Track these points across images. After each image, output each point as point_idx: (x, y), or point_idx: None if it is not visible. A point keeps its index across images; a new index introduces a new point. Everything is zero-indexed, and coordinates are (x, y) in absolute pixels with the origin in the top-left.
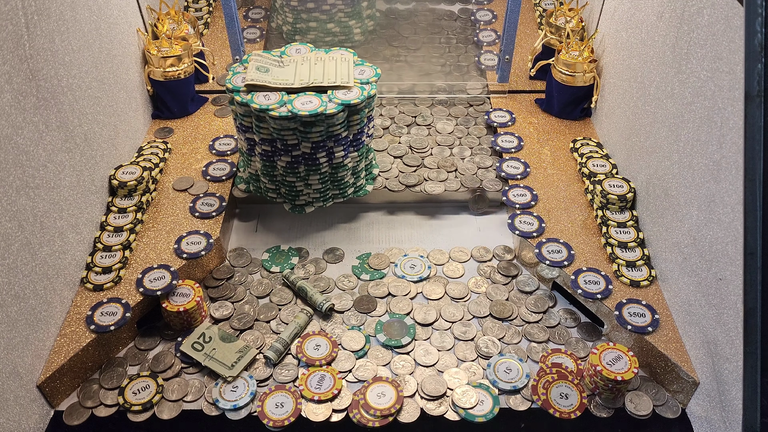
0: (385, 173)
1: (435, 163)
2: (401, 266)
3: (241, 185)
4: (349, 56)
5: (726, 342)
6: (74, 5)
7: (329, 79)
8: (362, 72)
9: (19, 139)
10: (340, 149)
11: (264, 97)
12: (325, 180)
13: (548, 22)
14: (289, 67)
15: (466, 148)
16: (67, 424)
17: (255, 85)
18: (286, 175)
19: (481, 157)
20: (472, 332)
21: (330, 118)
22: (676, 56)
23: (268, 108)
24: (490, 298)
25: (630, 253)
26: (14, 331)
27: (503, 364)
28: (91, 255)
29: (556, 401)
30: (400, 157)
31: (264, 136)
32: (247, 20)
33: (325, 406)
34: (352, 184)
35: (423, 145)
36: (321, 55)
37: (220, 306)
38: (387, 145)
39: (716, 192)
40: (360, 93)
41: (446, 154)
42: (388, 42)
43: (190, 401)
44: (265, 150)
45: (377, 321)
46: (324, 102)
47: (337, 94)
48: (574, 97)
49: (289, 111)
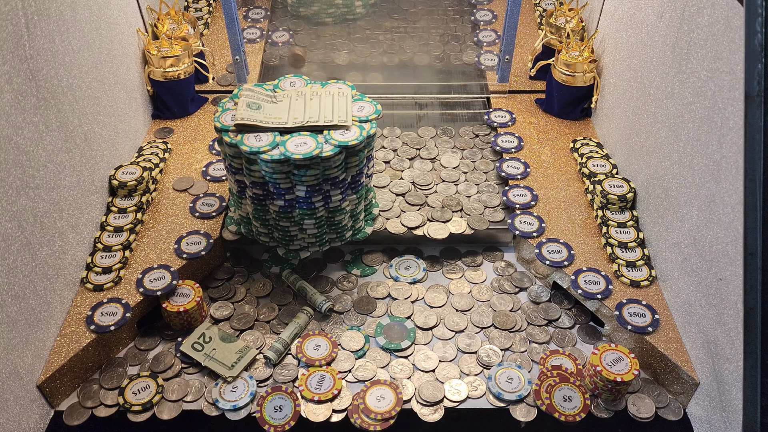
0: (386, 212)
1: (439, 202)
2: (396, 267)
3: (232, 227)
4: (347, 90)
5: (726, 342)
6: (74, 5)
7: (325, 118)
8: (361, 108)
9: (19, 139)
10: (338, 192)
11: (255, 138)
12: (321, 225)
13: (548, 22)
14: (283, 103)
15: (473, 184)
16: (67, 425)
17: (245, 125)
18: (279, 219)
19: (489, 195)
20: (477, 344)
21: (326, 160)
22: (676, 56)
23: (259, 150)
24: (495, 308)
25: (630, 253)
26: (14, 331)
27: (504, 373)
28: (91, 255)
29: (560, 404)
30: (403, 194)
31: (255, 180)
32: (247, 20)
33: (325, 406)
34: (350, 227)
35: (427, 181)
36: (317, 89)
37: (220, 306)
38: (389, 181)
39: (716, 192)
40: (359, 133)
41: (452, 192)
42: (389, 15)
43: (190, 401)
44: (257, 193)
45: (377, 323)
46: (320, 143)
47: (333, 135)
48: (574, 97)
49: (281, 154)
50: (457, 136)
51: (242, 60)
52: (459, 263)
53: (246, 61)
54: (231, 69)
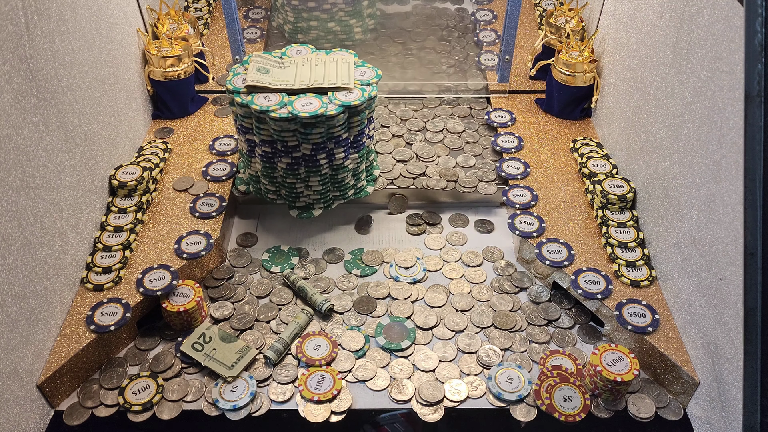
0: (387, 173)
1: (437, 173)
2: (396, 267)
3: (242, 186)
4: (349, 57)
5: (726, 342)
6: (74, 5)
7: (330, 81)
8: (363, 73)
9: (19, 139)
10: (341, 151)
11: (264, 98)
12: (325, 182)
13: (548, 22)
14: (290, 69)
15: (471, 156)
16: (67, 425)
17: (255, 86)
18: (287, 176)
19: (484, 171)
20: (477, 344)
21: (330, 119)
22: (676, 56)
23: (268, 109)
24: (494, 308)
25: (630, 253)
26: (14, 331)
27: (504, 373)
28: (91, 255)
29: (560, 404)
30: (405, 161)
31: (264, 138)
32: (247, 20)
33: (324, 407)
34: (352, 185)
35: (429, 154)
36: (322, 56)
37: (220, 306)
38: (392, 149)
39: (716, 192)
40: (360, 94)
41: (451, 164)
42: (392, 39)
43: (190, 401)
44: (266, 151)
45: (377, 323)
46: (324, 103)
47: (337, 96)
48: (574, 97)
49: (289, 112)
50: (456, 105)
51: (242, 60)
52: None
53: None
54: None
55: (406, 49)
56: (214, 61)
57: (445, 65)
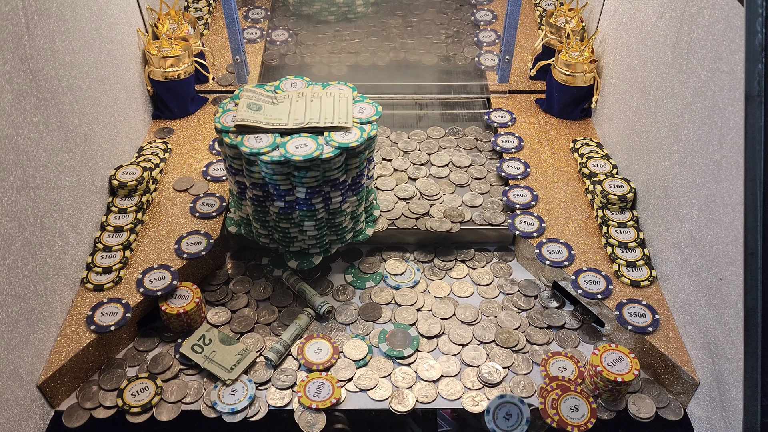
0: (387, 212)
1: (441, 213)
2: (391, 276)
3: (232, 228)
4: (348, 92)
5: (726, 342)
6: (74, 5)
7: (326, 119)
8: (362, 110)
9: (19, 139)
10: (338, 194)
11: (255, 139)
12: (321, 226)
13: (548, 22)
14: (283, 105)
15: (478, 194)
16: (66, 426)
17: (246, 126)
18: (279, 221)
19: (492, 212)
20: (482, 358)
21: (326, 162)
22: (676, 56)
23: (259, 152)
24: (500, 324)
25: (630, 253)
26: (15, 332)
27: (502, 409)
28: (92, 255)
29: (569, 416)
30: (407, 199)
31: (255, 181)
32: (247, 20)
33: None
34: (351, 228)
35: (434, 191)
36: (318, 90)
37: (219, 310)
38: (394, 185)
39: (717, 192)
40: (359, 134)
41: (457, 203)
42: (393, 12)
43: (189, 403)
44: (257, 195)
45: (381, 330)
46: (320, 145)
47: (334, 136)
48: (575, 97)
49: (281, 155)
50: (464, 137)
51: (242, 60)
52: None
53: (246, 61)
54: (231, 69)
55: (406, 21)
56: (214, 61)
57: (443, 36)
